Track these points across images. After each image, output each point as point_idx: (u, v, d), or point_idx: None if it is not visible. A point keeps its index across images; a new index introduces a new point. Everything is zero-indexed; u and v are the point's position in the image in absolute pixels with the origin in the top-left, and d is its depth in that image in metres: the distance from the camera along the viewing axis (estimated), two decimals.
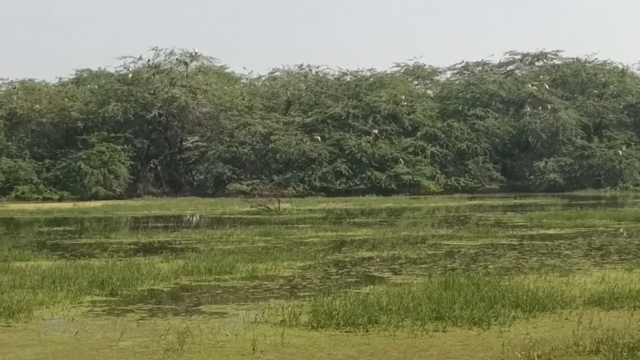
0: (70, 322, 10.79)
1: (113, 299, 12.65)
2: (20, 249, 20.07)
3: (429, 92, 72.19)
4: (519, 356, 8.48)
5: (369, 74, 68.53)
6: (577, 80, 70.59)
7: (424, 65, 72.51)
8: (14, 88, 63.92)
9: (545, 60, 72.23)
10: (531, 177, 63.82)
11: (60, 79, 71.66)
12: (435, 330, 9.85)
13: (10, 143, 58.51)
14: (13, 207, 45.06)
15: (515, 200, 48.50)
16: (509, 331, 9.82)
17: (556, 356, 8.55)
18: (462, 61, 72.76)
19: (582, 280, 13.68)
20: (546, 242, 21.75)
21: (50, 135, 60.94)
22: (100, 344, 9.39)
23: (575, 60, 71.52)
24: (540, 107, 65.17)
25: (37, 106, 60.36)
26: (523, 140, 65.47)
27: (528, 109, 65.70)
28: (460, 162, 63.22)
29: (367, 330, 9.89)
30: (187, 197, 55.63)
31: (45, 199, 53.62)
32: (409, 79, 71.35)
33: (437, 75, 73.63)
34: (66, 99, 62.05)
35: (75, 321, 10.82)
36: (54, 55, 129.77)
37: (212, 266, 15.68)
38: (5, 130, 58.99)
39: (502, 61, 72.36)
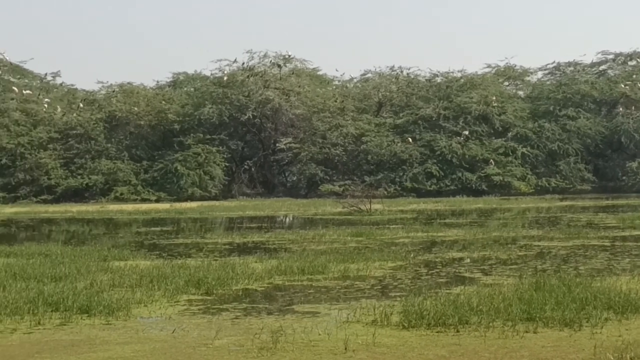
0: (168, 320, 10.99)
1: (209, 298, 12.85)
2: (119, 249, 20.55)
3: (520, 92, 71.37)
4: (612, 358, 8.41)
5: (459, 75, 68.16)
6: None
7: (515, 66, 71.73)
8: (114, 91, 65.27)
9: (638, 60, 70.66)
10: (624, 177, 62.50)
11: (158, 82, 73.05)
12: (526, 331, 9.83)
13: (109, 145, 59.72)
14: (112, 208, 46.05)
15: (607, 201, 47.64)
16: (600, 333, 9.75)
17: None
18: (554, 61, 71.82)
19: None
20: (639, 244, 21.39)
21: (147, 137, 62.00)
22: (196, 342, 9.54)
23: None
24: (633, 107, 63.87)
25: (136, 109, 61.50)
26: (615, 140, 64.20)
27: (621, 109, 64.46)
28: (551, 163, 62.40)
29: (457, 331, 9.91)
30: (280, 198, 56.08)
31: (143, 200, 54.60)
32: (500, 80, 70.65)
33: (528, 75, 72.72)
34: (163, 102, 63.09)
35: (172, 319, 11.02)
36: (152, 59, 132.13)
37: (304, 266, 15.83)
38: (105, 133, 60.24)
39: (594, 61, 71.11)
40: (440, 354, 8.88)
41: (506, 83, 71.83)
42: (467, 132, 61.41)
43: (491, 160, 60.09)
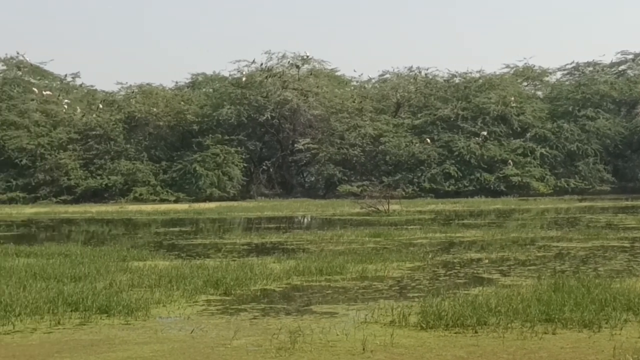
0: (186, 320, 11.04)
1: (227, 298, 12.90)
2: (138, 249, 20.66)
3: (539, 93, 71.25)
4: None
5: (478, 75, 68.10)
6: None
7: (534, 66, 71.61)
8: (133, 92, 65.56)
9: None
10: None
11: (177, 83, 73.28)
12: (545, 333, 9.81)
13: (128, 146, 59.97)
14: (131, 208, 46.22)
15: (626, 202, 47.42)
16: (620, 334, 9.71)
17: None
18: (573, 62, 71.58)
19: None
20: None
21: (166, 138, 62.23)
22: (214, 342, 9.58)
23: None
24: None
25: (155, 110, 61.73)
26: (635, 141, 63.99)
27: None
28: (570, 164, 62.24)
29: (476, 332, 9.91)
30: (298, 199, 56.16)
31: (162, 201, 54.81)
32: (519, 80, 70.57)
33: (547, 76, 72.56)
34: (182, 103, 63.31)
35: (190, 319, 11.07)
36: (171, 60, 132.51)
37: (322, 267, 15.86)
38: (124, 134, 60.50)
39: (613, 61, 70.86)
40: (458, 355, 8.88)
41: (525, 83, 71.71)
42: (485, 133, 61.34)
43: (510, 160, 60.00)
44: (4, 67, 65.70)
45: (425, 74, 68.53)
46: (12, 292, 12.61)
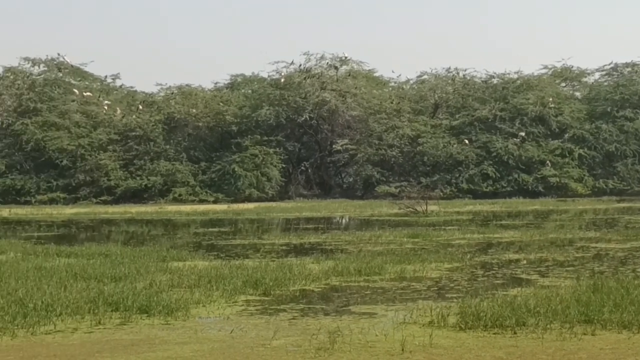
0: (226, 320, 11.09)
1: (266, 298, 12.94)
2: (177, 250, 20.77)
3: (577, 94, 70.74)
4: None
5: (516, 76, 67.78)
6: None
7: (572, 67, 71.07)
8: (172, 93, 65.92)
9: None
10: None
11: (216, 84, 73.61)
12: (584, 334, 9.77)
13: (168, 147, 60.31)
14: (170, 209, 46.49)
15: None
16: None
17: None
18: (611, 62, 70.82)
19: None
20: None
21: (206, 138, 62.50)
22: (254, 342, 9.61)
23: None
24: None
25: (194, 110, 62.04)
26: None
27: None
28: (608, 164, 61.83)
29: (515, 333, 9.89)
30: (336, 199, 56.20)
31: (201, 201, 55.08)
32: (557, 81, 70.13)
33: (585, 76, 71.95)
34: (221, 104, 63.56)
35: (230, 320, 11.11)
36: (210, 61, 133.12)
37: (361, 267, 15.88)
38: (164, 134, 60.85)
39: None
40: (497, 355, 8.87)
41: (563, 84, 71.26)
42: (523, 134, 61.11)
43: (548, 161, 59.70)
44: (45, 69, 66.33)
45: (463, 75, 68.34)
46: (53, 292, 12.72)
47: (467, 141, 60.64)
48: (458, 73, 68.14)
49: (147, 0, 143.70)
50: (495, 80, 67.86)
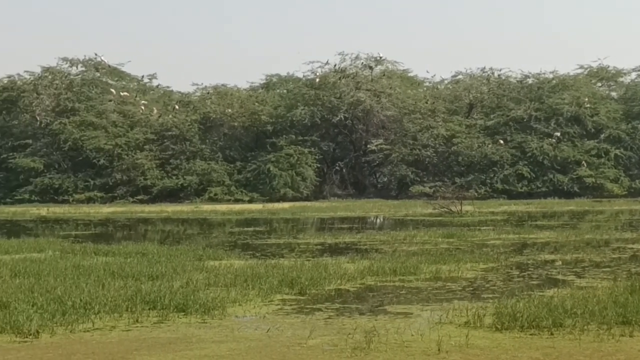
0: (262, 319, 11.13)
1: (302, 297, 12.98)
2: (213, 249, 20.89)
3: (613, 94, 70.18)
4: None
5: (551, 76, 67.42)
6: None
7: (608, 67, 70.51)
8: (208, 93, 66.26)
9: None
10: None
11: (251, 84, 73.86)
12: (622, 335, 9.71)
13: (204, 146, 60.59)
14: (206, 208, 46.72)
15: None
16: None
17: None
18: None
19: None
20: None
21: (241, 138, 62.72)
22: (290, 342, 9.64)
23: None
24: None
25: (229, 110, 62.29)
26: None
27: None
28: None
29: (551, 334, 9.85)
30: (371, 199, 56.19)
31: (236, 201, 55.28)
32: (593, 81, 69.65)
33: (622, 76, 71.35)
34: (256, 103, 63.76)
35: (266, 319, 11.16)
36: (246, 61, 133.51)
37: (396, 267, 15.88)
38: (200, 134, 61.15)
39: None
40: (534, 356, 8.84)
41: (599, 84, 70.74)
42: (558, 134, 60.78)
43: (583, 162, 59.32)
44: (83, 69, 66.88)
45: (498, 75, 68.08)
46: (92, 290, 12.83)
47: (501, 141, 60.42)
48: (493, 73, 67.93)
49: (181, 1, 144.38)
50: (530, 80, 67.53)
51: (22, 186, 58.30)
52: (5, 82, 65.32)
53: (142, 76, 69.83)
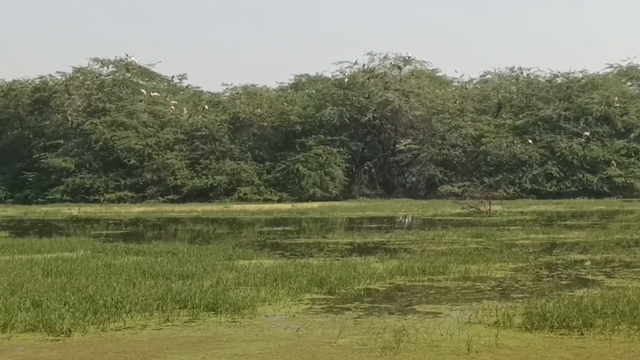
0: (292, 318, 11.17)
1: (331, 297, 13.00)
2: (243, 248, 20.96)
3: None
4: None
5: (580, 75, 67.01)
6: None
7: (638, 66, 69.95)
8: (238, 93, 66.48)
9: None
10: None
11: (280, 84, 74.03)
12: None
13: (233, 146, 60.78)
14: (236, 208, 46.87)
15: None
16: None
17: None
18: None
19: None
20: None
21: (270, 138, 62.87)
22: (320, 341, 9.67)
23: None
24: None
25: (259, 110, 62.44)
26: None
27: None
28: None
29: (582, 334, 9.83)
30: (399, 199, 56.14)
31: (266, 200, 55.39)
32: (622, 80, 69.14)
33: None
34: (285, 104, 63.88)
35: (296, 318, 11.20)
36: (275, 61, 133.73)
37: (425, 267, 15.88)
38: (229, 134, 61.35)
39: None
40: (564, 356, 8.83)
41: (629, 83, 70.24)
42: (588, 133, 60.46)
43: (613, 161, 58.96)
44: (114, 69, 67.28)
45: (527, 74, 67.78)
46: (123, 289, 12.92)
47: (530, 141, 60.20)
48: (522, 72, 67.64)
49: (212, 2, 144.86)
50: (559, 80, 67.20)
51: (53, 186, 58.74)
52: (38, 82, 65.85)
53: (172, 76, 70.19)
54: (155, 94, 65.08)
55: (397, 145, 63.07)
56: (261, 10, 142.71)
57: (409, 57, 65.99)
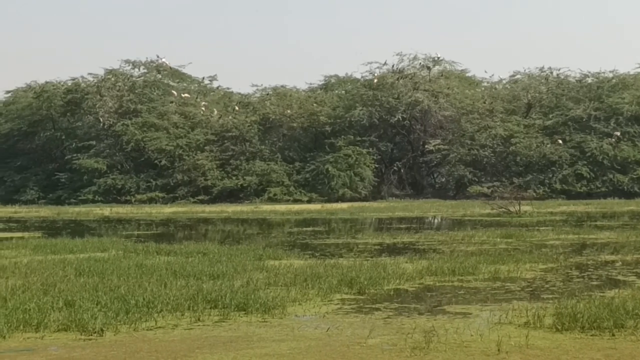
0: (322, 318, 11.18)
1: (361, 297, 13.01)
2: (273, 248, 21.01)
3: None
4: None
5: (611, 75, 66.65)
6: None
7: None
8: (268, 94, 66.72)
9: None
10: None
11: (310, 85, 74.21)
12: None
13: (263, 147, 60.98)
14: (266, 208, 46.96)
15: None
16: None
17: None
18: None
19: None
20: None
21: (300, 139, 63.01)
22: (350, 341, 9.68)
23: None
24: None
25: (289, 111, 62.63)
26: None
27: None
28: None
29: (613, 335, 9.78)
30: (428, 199, 56.06)
31: (295, 201, 55.52)
32: None
33: None
34: (315, 104, 64.02)
35: (326, 318, 11.20)
36: (305, 62, 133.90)
37: (455, 267, 15.86)
38: (259, 135, 61.55)
39: None
40: (595, 357, 8.80)
41: None
42: (618, 133, 60.10)
43: None
44: (145, 71, 67.73)
45: (557, 74, 67.57)
46: (154, 289, 13.01)
47: (560, 141, 59.90)
48: (552, 72, 67.42)
49: (241, 3, 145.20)
50: (589, 80, 66.88)
51: (85, 187, 59.21)
52: (70, 84, 66.43)
53: (203, 78, 70.55)
54: (186, 95, 65.42)
55: (426, 146, 62.99)
56: (290, 12, 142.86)
57: (438, 58, 66.00)
